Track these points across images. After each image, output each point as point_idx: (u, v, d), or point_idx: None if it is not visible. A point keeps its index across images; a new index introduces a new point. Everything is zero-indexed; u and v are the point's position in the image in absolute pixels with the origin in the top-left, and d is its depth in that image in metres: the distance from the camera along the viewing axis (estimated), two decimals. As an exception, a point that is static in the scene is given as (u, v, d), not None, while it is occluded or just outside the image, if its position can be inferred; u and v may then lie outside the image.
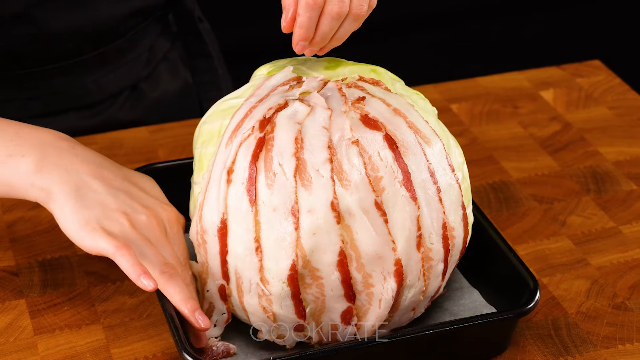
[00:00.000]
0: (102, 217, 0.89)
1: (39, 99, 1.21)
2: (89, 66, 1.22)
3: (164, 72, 1.31)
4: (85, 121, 1.25)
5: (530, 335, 0.96)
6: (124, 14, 1.20)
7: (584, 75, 1.36)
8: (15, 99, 1.21)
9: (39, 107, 1.22)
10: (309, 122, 0.88)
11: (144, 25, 1.24)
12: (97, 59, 1.22)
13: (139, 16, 1.23)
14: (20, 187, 0.91)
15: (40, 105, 1.22)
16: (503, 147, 1.22)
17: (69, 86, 1.20)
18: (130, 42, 1.24)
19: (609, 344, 0.95)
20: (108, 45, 1.22)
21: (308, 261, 0.85)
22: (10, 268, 1.02)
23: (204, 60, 1.33)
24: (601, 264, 1.04)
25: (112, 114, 1.26)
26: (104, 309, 0.98)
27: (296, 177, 0.86)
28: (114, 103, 1.26)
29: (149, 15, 1.25)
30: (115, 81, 1.25)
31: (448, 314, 0.97)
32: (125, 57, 1.24)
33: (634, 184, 1.16)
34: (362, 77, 0.93)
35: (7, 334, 0.95)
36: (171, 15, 1.31)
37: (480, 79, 1.35)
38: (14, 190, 0.92)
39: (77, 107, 1.24)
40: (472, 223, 0.94)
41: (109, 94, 1.25)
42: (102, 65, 1.23)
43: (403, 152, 0.88)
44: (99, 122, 1.25)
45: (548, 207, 1.12)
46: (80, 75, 1.22)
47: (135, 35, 1.24)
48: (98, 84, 1.24)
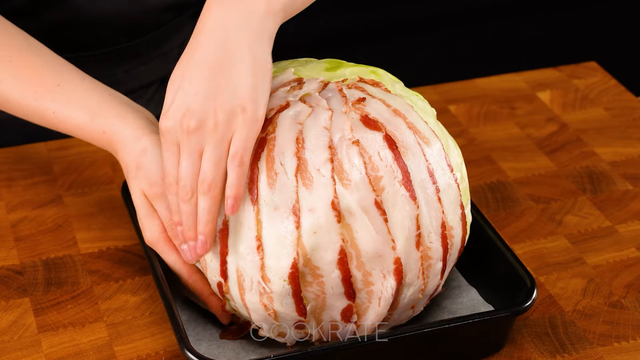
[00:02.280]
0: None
1: None
2: (121, 56, 1.22)
3: None
4: None
5: (527, 333, 0.96)
6: (159, 7, 1.20)
7: (580, 76, 1.36)
8: None
9: None
10: (310, 123, 0.88)
11: (178, 20, 1.25)
12: (130, 50, 1.22)
13: (173, 11, 1.23)
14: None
15: None
16: (500, 147, 1.22)
17: (100, 74, 1.20)
18: (163, 35, 1.24)
19: (605, 342, 0.95)
20: (141, 37, 1.22)
21: (309, 259, 0.86)
22: (14, 267, 1.02)
23: None
24: (597, 263, 1.05)
25: (141, 105, 1.27)
26: (107, 307, 0.98)
27: (297, 177, 0.86)
28: (144, 94, 1.27)
29: (184, 11, 1.25)
30: (146, 73, 1.25)
31: (447, 312, 0.97)
32: (157, 50, 1.25)
33: (629, 184, 1.16)
34: (362, 78, 0.94)
35: (11, 331, 0.95)
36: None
37: (478, 81, 1.35)
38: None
39: None
40: (470, 222, 0.94)
41: (139, 85, 1.26)
42: (134, 56, 1.23)
43: (403, 152, 0.88)
44: None
45: (545, 206, 1.12)
46: (112, 64, 1.22)
47: (168, 29, 1.24)
48: (129, 74, 1.24)
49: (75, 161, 1.17)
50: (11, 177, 1.14)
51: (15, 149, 1.19)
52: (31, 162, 1.17)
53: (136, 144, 0.93)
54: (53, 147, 1.19)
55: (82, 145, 1.19)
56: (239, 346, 0.93)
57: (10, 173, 1.15)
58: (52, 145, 1.19)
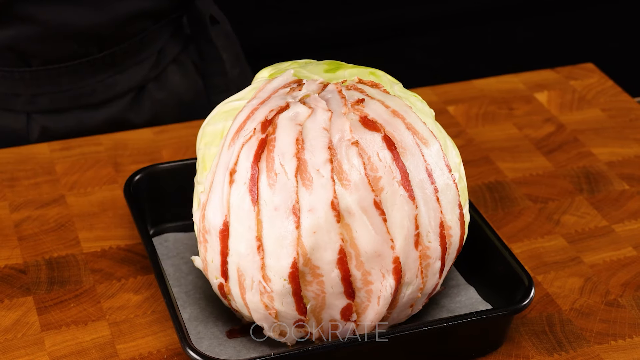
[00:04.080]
0: None
1: (46, 96, 1.21)
2: (95, 67, 1.21)
3: (174, 75, 1.29)
4: (92, 119, 1.24)
5: (525, 331, 0.96)
6: (129, 17, 1.19)
7: (578, 77, 1.36)
8: (23, 94, 1.20)
9: (47, 104, 1.21)
10: (309, 124, 0.88)
11: (154, 28, 1.23)
12: (103, 60, 1.21)
13: (147, 19, 1.21)
14: None
15: (48, 102, 1.21)
16: (498, 147, 1.22)
17: (74, 85, 1.20)
18: (138, 44, 1.23)
19: (601, 340, 0.96)
20: (114, 48, 1.21)
21: (309, 259, 0.86)
22: (18, 266, 1.03)
23: (214, 63, 1.31)
24: (594, 262, 1.05)
25: (119, 113, 1.25)
26: (109, 306, 0.98)
27: (297, 177, 0.86)
28: (121, 103, 1.25)
29: (160, 19, 1.23)
30: (121, 82, 1.24)
31: (445, 311, 0.97)
32: (132, 59, 1.23)
33: (626, 184, 1.16)
34: (362, 79, 0.93)
35: (14, 330, 0.95)
36: (185, 18, 1.30)
37: (476, 82, 1.35)
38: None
39: (84, 106, 1.23)
40: (468, 222, 0.94)
41: (115, 93, 1.24)
42: (109, 66, 1.22)
43: (401, 152, 0.88)
44: (105, 121, 1.24)
45: (542, 206, 1.13)
46: (86, 75, 1.21)
47: (144, 38, 1.23)
48: (104, 84, 1.23)
49: (78, 161, 1.17)
50: (14, 177, 1.15)
51: (18, 149, 1.19)
52: (34, 162, 1.17)
53: None
54: (56, 148, 1.19)
55: (85, 146, 1.19)
56: (240, 344, 0.93)
57: (13, 173, 1.15)
58: (54, 145, 1.19)
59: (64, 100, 1.21)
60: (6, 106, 1.08)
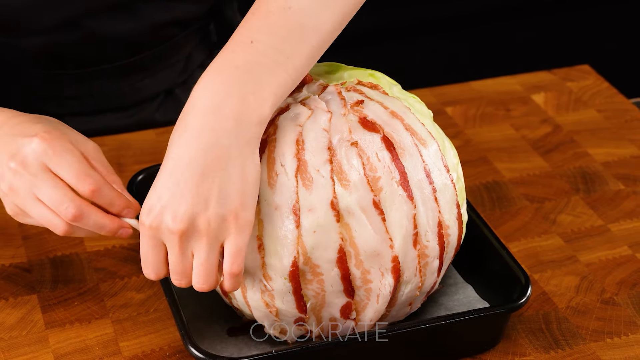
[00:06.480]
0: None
1: (78, 99, 1.22)
2: (126, 71, 1.22)
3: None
4: (122, 121, 1.25)
5: (522, 329, 0.96)
6: (162, 24, 1.20)
7: (574, 79, 1.36)
8: (56, 96, 1.21)
9: (78, 106, 1.22)
10: (309, 125, 0.88)
11: (183, 35, 1.24)
12: (134, 65, 1.22)
13: (178, 26, 1.23)
14: None
15: (79, 105, 1.22)
16: (496, 148, 1.22)
17: (105, 88, 1.19)
18: (167, 50, 1.24)
19: (597, 338, 0.96)
20: (146, 52, 1.22)
21: (309, 258, 0.86)
22: (22, 264, 1.03)
23: None
24: (590, 261, 1.05)
25: (146, 117, 1.26)
26: (112, 304, 0.98)
27: (297, 177, 0.86)
28: (150, 106, 1.27)
29: (189, 26, 1.24)
30: (150, 86, 1.25)
31: (443, 309, 0.97)
32: (161, 64, 1.24)
33: (621, 184, 1.17)
34: (361, 81, 0.93)
35: (19, 327, 0.96)
36: (212, 25, 1.31)
37: (474, 83, 1.35)
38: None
39: (114, 109, 1.24)
40: (466, 221, 0.94)
41: (144, 97, 1.25)
42: (139, 70, 1.23)
43: (400, 153, 0.88)
44: (133, 124, 1.25)
45: (539, 206, 1.13)
46: (116, 79, 1.22)
47: (173, 43, 1.24)
48: (134, 87, 1.24)
49: (80, 162, 1.18)
50: (17, 178, 1.15)
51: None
52: (37, 163, 1.17)
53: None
54: (58, 149, 1.19)
55: (87, 146, 1.20)
56: (241, 342, 0.94)
57: (16, 174, 1.16)
58: (57, 146, 1.19)
59: (94, 103, 1.23)
60: (37, 108, 1.09)
